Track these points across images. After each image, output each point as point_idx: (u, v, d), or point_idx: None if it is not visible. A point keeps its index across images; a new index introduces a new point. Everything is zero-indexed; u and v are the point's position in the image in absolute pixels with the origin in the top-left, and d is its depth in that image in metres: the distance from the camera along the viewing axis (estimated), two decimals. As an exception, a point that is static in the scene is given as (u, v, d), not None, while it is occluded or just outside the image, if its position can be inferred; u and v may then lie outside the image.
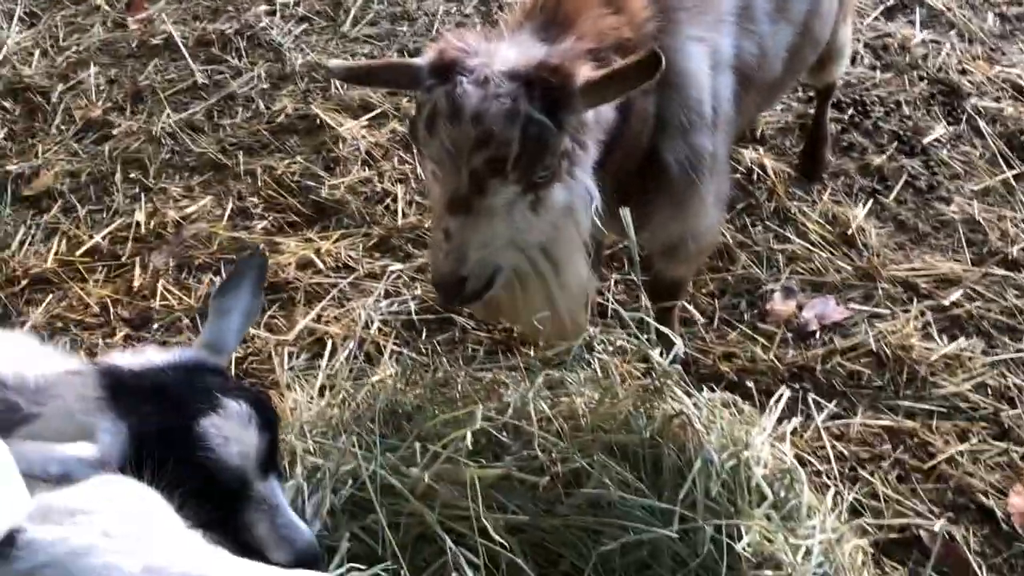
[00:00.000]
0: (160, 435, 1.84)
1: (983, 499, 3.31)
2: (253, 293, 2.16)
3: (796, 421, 3.25)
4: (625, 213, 2.51)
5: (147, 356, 1.97)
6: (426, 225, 4.04)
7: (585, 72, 2.50)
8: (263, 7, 5.46)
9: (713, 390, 2.77)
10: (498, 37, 2.62)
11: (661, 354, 2.51)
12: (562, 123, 2.50)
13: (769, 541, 2.31)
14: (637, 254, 2.52)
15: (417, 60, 2.64)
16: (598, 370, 2.66)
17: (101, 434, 1.77)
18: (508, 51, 2.54)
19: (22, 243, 4.33)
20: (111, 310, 4.02)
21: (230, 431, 1.89)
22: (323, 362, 3.47)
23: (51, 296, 4.10)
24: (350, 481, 2.53)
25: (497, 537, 2.27)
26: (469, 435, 2.28)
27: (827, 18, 3.51)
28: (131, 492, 1.51)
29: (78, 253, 4.25)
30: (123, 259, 4.23)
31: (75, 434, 1.72)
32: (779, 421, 2.78)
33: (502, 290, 2.70)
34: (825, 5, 3.45)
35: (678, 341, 2.50)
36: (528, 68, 2.48)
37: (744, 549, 2.29)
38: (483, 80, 2.45)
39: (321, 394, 3.06)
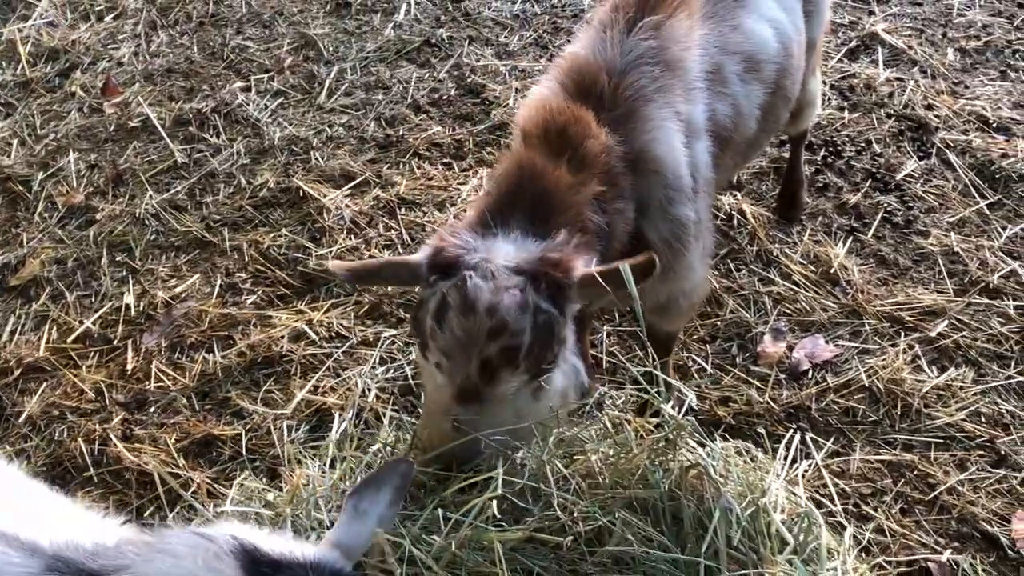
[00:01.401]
0: None
1: (986, 527, 3.35)
2: (393, 501, 2.09)
3: (805, 464, 3.29)
4: (626, 270, 2.55)
5: (284, 543, 1.86)
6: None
7: (580, 266, 2.59)
8: (238, 84, 5.53)
9: (725, 438, 2.80)
10: (489, 233, 2.66)
11: (672, 407, 2.55)
12: (563, 311, 2.58)
13: (793, 586, 2.34)
14: (641, 311, 2.56)
15: (415, 257, 2.68)
16: (608, 425, 2.69)
17: None
18: (506, 247, 2.60)
19: (12, 333, 4.33)
20: (106, 395, 4.02)
21: None
22: (332, 434, 3.47)
23: (45, 385, 4.09)
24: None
25: (524, 600, 2.28)
26: (495, 502, 2.30)
27: (796, 75, 3.60)
28: None
29: (69, 340, 4.25)
30: (115, 343, 4.23)
31: None
32: (790, 464, 2.81)
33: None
34: (794, 63, 3.53)
35: (690, 394, 2.55)
36: (532, 264, 2.55)
37: (769, 595, 2.32)
38: (490, 275, 2.51)
39: (332, 466, 3.06)
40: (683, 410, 2.55)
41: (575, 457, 2.60)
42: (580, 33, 3.22)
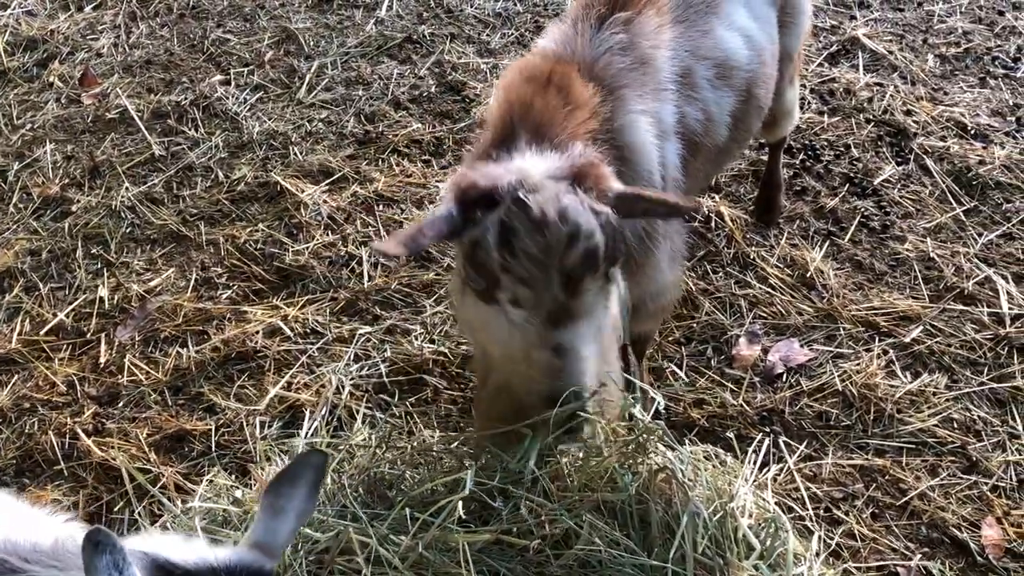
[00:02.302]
0: None
1: (956, 533, 3.36)
2: (310, 493, 2.03)
3: (775, 468, 3.30)
4: (615, 272, 2.54)
5: (198, 551, 1.83)
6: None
7: (611, 174, 2.56)
8: (217, 77, 5.50)
9: (694, 442, 2.80)
10: (504, 159, 2.60)
11: (642, 408, 2.55)
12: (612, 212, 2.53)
13: (759, 591, 2.34)
14: (627, 313, 2.56)
15: (444, 208, 2.55)
16: (579, 428, 2.68)
17: None
18: (531, 162, 2.54)
19: (-16, 324, 4.29)
20: (78, 388, 3.99)
21: None
22: (302, 432, 3.46)
23: (16, 377, 4.06)
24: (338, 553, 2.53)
25: (490, 602, 2.28)
26: (460, 504, 2.30)
27: (769, 83, 3.60)
28: None
29: (42, 332, 4.22)
30: (88, 336, 4.20)
31: None
32: (759, 468, 2.81)
33: None
34: (767, 71, 3.54)
35: (659, 397, 2.54)
36: (568, 170, 2.50)
37: (735, 601, 2.32)
38: (537, 187, 2.45)
39: (301, 464, 3.04)
40: (651, 413, 2.54)
41: (545, 459, 2.59)
42: (550, 28, 3.21)
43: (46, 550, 1.80)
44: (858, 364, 3.87)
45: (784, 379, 3.87)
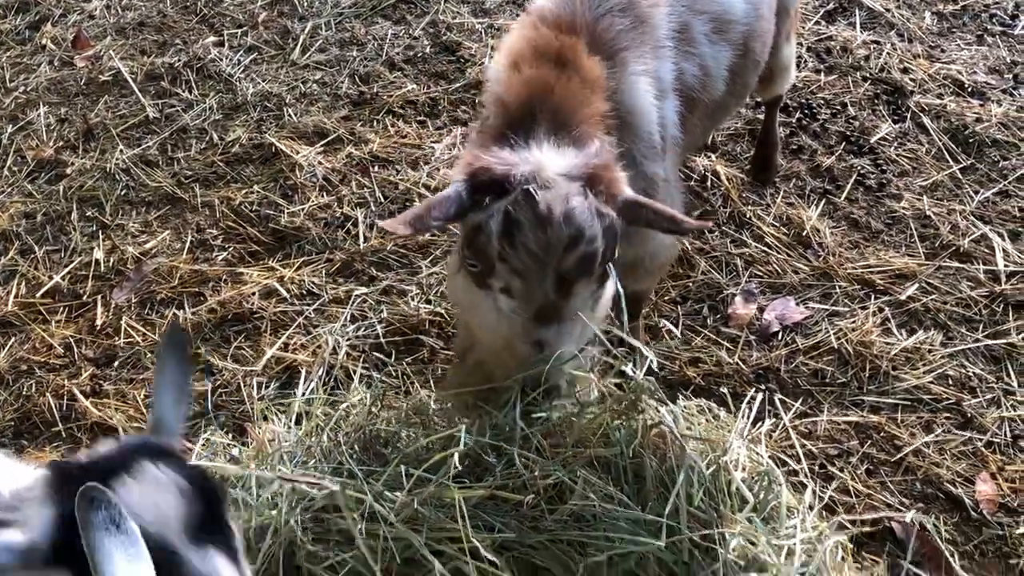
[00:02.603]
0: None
1: (951, 488, 3.38)
2: (179, 364, 2.12)
3: (769, 423, 3.31)
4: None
5: (95, 450, 1.91)
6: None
7: (625, 181, 2.58)
8: (211, 39, 5.47)
9: (689, 399, 2.81)
10: (520, 147, 2.60)
11: (634, 366, 2.55)
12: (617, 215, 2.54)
13: (752, 544, 2.35)
14: (618, 278, 2.56)
15: (453, 189, 2.55)
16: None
17: (29, 522, 1.72)
18: (548, 156, 2.55)
19: (-20, 287, 4.30)
20: (75, 350, 4.00)
21: (141, 493, 1.79)
22: (298, 390, 3.47)
23: (13, 340, 4.07)
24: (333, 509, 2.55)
25: (486, 555, 2.29)
26: (457, 457, 2.31)
27: (766, 38, 3.58)
28: None
29: (38, 294, 4.22)
30: (84, 298, 4.21)
31: None
32: (753, 423, 2.82)
33: None
34: (764, 25, 3.52)
35: (650, 354, 2.54)
36: (583, 169, 2.51)
37: (729, 554, 2.33)
38: (549, 184, 2.46)
39: (298, 423, 3.06)
40: (643, 370, 2.55)
41: (534, 416, 2.59)
42: None
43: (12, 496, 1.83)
44: (854, 322, 3.88)
45: (780, 337, 3.88)
